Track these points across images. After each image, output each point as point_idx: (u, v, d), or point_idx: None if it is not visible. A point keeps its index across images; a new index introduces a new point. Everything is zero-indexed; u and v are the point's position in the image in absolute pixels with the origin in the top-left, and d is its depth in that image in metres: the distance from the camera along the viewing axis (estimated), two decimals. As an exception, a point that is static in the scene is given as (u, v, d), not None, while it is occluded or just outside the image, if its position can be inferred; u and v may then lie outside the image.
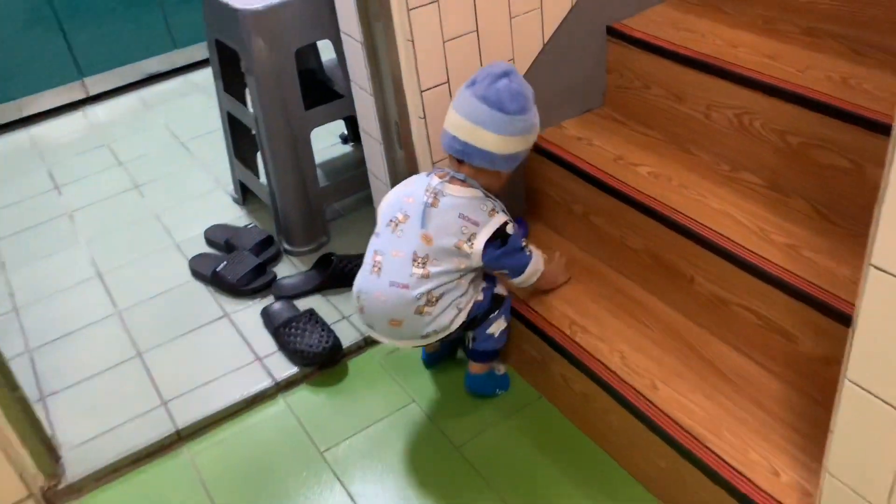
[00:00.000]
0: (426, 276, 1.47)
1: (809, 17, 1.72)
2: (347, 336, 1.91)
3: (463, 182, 1.51)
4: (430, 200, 1.49)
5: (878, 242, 0.89)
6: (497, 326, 1.61)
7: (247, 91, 2.12)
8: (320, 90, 2.24)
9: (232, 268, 2.09)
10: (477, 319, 1.57)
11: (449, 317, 1.50)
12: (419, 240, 1.48)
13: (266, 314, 1.98)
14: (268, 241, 2.22)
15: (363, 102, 1.87)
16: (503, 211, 1.54)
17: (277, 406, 1.79)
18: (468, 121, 1.46)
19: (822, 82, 1.52)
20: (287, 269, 2.17)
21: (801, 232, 1.48)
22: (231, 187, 2.53)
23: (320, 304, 2.03)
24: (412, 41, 1.59)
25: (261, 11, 1.93)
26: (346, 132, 2.65)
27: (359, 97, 1.88)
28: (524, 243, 1.57)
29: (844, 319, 1.30)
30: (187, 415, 1.76)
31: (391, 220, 1.53)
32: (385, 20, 1.60)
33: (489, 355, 1.67)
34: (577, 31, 1.82)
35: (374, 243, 1.55)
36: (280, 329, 1.89)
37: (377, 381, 1.82)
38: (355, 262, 2.05)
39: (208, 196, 2.55)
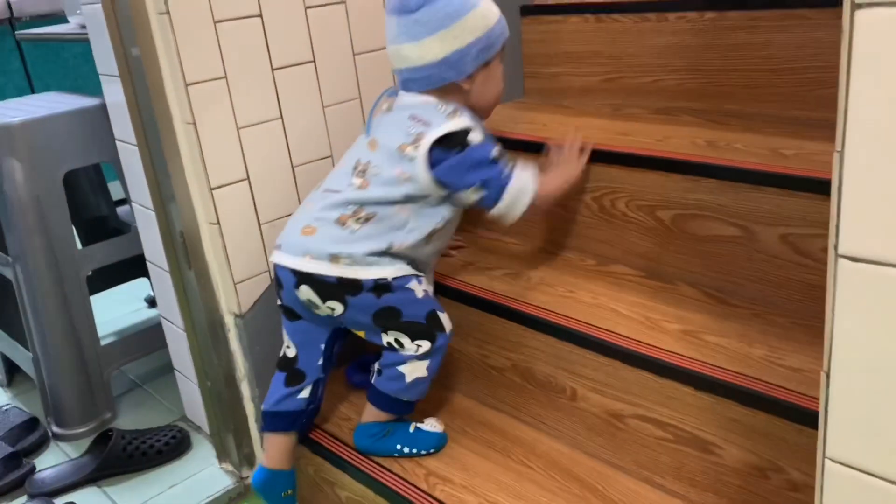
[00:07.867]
0: (363, 187, 1.18)
1: (657, 98, 1.55)
2: (127, 537, 1.38)
3: (420, 91, 1.24)
4: (385, 107, 1.27)
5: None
6: (413, 369, 1.21)
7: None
8: (108, 234, 1.83)
9: (-31, 463, 1.53)
10: (396, 319, 1.19)
11: (370, 245, 1.16)
12: (365, 147, 1.23)
13: (9, 521, 1.42)
14: (30, 425, 1.68)
15: (145, 222, 1.49)
16: (475, 122, 1.20)
17: None
18: (390, 45, 1.23)
19: (687, 147, 1.30)
20: (56, 459, 1.63)
21: (696, 317, 1.18)
22: (-5, 368, 1.99)
23: (94, 498, 1.49)
24: (194, 125, 1.27)
25: (15, 126, 1.56)
26: (153, 293, 2.21)
27: (141, 217, 1.50)
28: (497, 154, 1.19)
29: (777, 408, 0.98)
30: None
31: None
32: (159, 105, 1.27)
33: (390, 404, 1.26)
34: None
35: None
36: (23, 538, 1.34)
37: None
38: (145, 438, 1.57)
39: (-37, 383, 1.99)
